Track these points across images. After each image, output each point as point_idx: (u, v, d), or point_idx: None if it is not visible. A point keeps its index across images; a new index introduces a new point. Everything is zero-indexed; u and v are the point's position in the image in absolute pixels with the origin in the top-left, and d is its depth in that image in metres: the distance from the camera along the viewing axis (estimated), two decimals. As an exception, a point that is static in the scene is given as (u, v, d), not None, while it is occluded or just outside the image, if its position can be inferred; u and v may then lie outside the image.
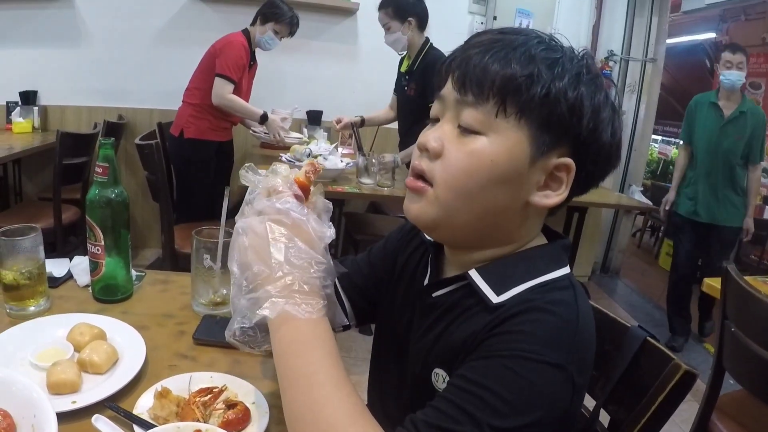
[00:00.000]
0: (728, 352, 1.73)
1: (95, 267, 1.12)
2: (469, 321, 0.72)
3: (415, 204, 0.73)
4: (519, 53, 0.67)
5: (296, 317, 0.65)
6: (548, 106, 0.66)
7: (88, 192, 1.10)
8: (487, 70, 0.67)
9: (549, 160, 0.69)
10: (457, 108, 0.70)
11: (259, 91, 3.67)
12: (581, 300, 0.70)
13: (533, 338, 0.63)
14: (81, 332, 0.92)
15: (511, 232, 0.74)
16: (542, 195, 0.71)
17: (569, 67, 0.67)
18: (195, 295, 1.14)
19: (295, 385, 0.63)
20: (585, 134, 0.68)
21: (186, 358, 0.96)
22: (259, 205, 0.71)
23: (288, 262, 0.67)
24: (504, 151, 0.67)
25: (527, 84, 0.65)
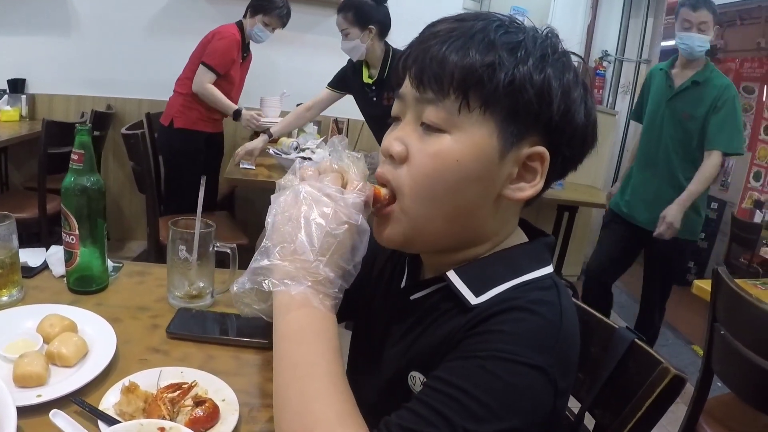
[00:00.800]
0: (717, 354, 1.71)
1: (70, 257, 1.09)
2: (446, 322, 0.68)
3: (383, 227, 0.69)
4: (477, 40, 0.62)
5: (313, 306, 0.62)
6: (514, 94, 0.62)
7: (64, 179, 1.06)
8: (444, 62, 0.62)
9: (520, 151, 0.65)
10: (417, 106, 0.66)
11: (252, 83, 3.63)
12: (564, 300, 0.67)
13: (514, 338, 0.59)
14: (51, 324, 0.89)
15: (485, 230, 0.70)
16: (515, 188, 0.67)
17: (533, 49, 0.63)
18: (171, 288, 1.11)
19: (293, 373, 0.60)
20: (557, 119, 0.63)
21: (158, 352, 0.93)
22: (327, 188, 0.65)
23: (330, 254, 0.63)
24: (470, 148, 0.63)
25: (489, 74, 0.61)
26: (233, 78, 3.16)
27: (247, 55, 3.28)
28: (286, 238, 0.63)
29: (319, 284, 0.63)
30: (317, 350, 0.61)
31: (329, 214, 0.63)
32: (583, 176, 4.20)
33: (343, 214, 0.63)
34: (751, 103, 4.83)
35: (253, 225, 3.89)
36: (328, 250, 0.63)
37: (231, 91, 3.19)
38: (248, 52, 3.29)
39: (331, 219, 0.63)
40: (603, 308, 3.05)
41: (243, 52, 3.19)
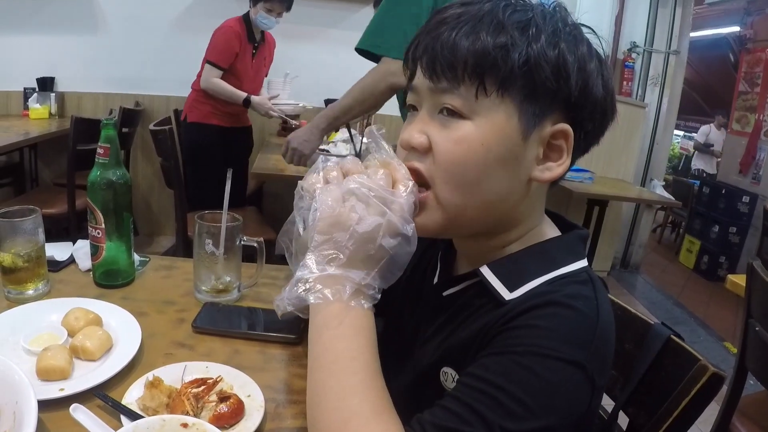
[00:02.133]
0: (752, 352, 1.67)
1: (96, 251, 1.09)
2: (480, 317, 0.67)
3: (418, 216, 0.67)
4: (487, 23, 0.61)
5: (352, 304, 0.62)
6: (530, 73, 0.60)
7: (90, 174, 1.06)
8: (456, 49, 0.61)
9: (543, 130, 0.63)
10: (433, 97, 0.64)
11: (278, 79, 3.65)
12: (601, 294, 0.65)
13: (550, 334, 0.58)
14: (76, 317, 0.89)
15: (517, 215, 0.69)
16: (543, 168, 0.65)
17: (543, 26, 0.61)
18: (197, 282, 1.11)
19: (329, 368, 0.60)
20: (576, 94, 0.62)
21: (183, 346, 0.92)
22: (380, 189, 0.63)
23: (380, 268, 0.63)
24: (493, 132, 0.62)
25: (502, 55, 0.59)
26: (240, 71, 3.15)
27: (258, 45, 3.25)
28: (333, 246, 0.63)
29: (362, 288, 0.63)
30: (355, 346, 0.61)
31: (383, 223, 0.62)
32: (613, 170, 4.13)
33: (398, 222, 0.62)
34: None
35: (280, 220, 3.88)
36: (378, 262, 0.62)
37: (243, 84, 3.18)
38: (260, 42, 3.25)
39: (385, 229, 0.62)
40: None
41: (252, 42, 3.17)
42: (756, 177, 4.90)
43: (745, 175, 5.02)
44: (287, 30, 3.79)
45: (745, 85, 5.14)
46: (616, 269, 4.80)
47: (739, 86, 5.23)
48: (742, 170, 5.07)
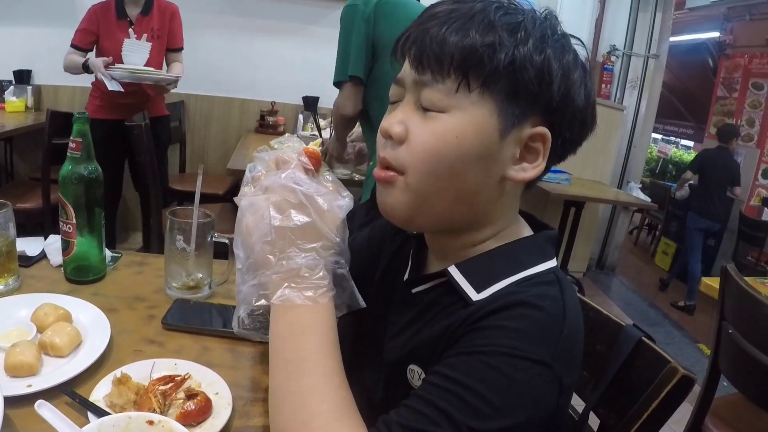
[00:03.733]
0: (725, 354, 1.69)
1: (67, 246, 1.07)
2: (448, 316, 0.67)
3: (387, 196, 0.67)
4: (477, 21, 0.61)
5: (296, 303, 0.62)
6: (514, 74, 0.61)
7: (61, 168, 1.05)
8: (444, 43, 0.61)
9: (522, 132, 0.64)
10: (416, 89, 0.65)
11: (258, 75, 3.63)
12: (568, 294, 0.65)
13: (517, 334, 0.58)
14: (45, 313, 0.87)
15: (489, 213, 0.69)
16: (518, 168, 0.65)
17: (532, 30, 0.62)
18: (168, 279, 1.10)
19: (284, 371, 0.60)
20: (557, 100, 0.63)
21: (153, 343, 0.91)
22: (266, 180, 0.66)
23: (292, 244, 0.63)
24: (469, 126, 0.62)
25: (489, 54, 0.60)
26: (109, 49, 2.96)
27: (136, 19, 2.99)
28: (249, 256, 0.65)
29: (295, 278, 0.62)
30: (305, 346, 0.61)
31: (268, 207, 0.63)
32: (590, 171, 4.17)
33: (279, 200, 0.64)
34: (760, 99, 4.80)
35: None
36: (287, 239, 0.63)
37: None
38: (143, 16, 3.00)
39: (274, 210, 0.63)
40: None
41: (123, 17, 2.96)
42: (732, 181, 4.97)
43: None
44: (266, 26, 3.78)
45: (723, 90, 5.22)
46: (591, 270, 4.85)
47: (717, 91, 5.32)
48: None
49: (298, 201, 0.63)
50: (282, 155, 0.68)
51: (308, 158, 0.67)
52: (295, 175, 0.64)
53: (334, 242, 0.65)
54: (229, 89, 3.86)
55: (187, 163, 3.82)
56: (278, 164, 0.67)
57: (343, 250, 0.66)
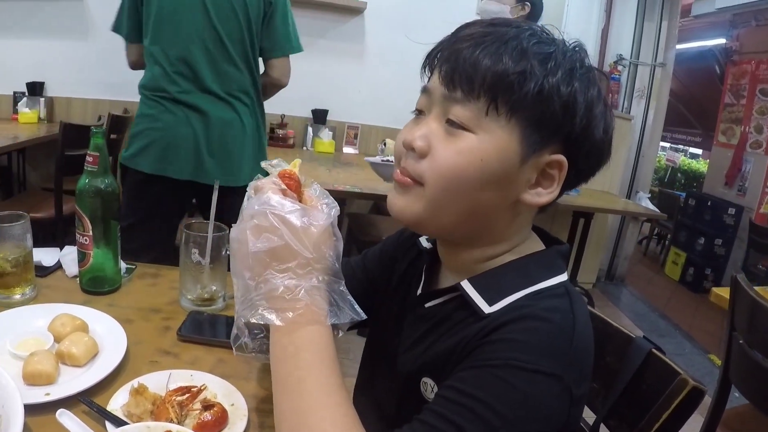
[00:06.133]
0: (735, 365, 1.68)
1: (83, 257, 1.09)
2: (460, 330, 0.68)
3: (400, 198, 0.69)
4: (511, 47, 0.63)
5: (282, 325, 0.62)
6: (541, 103, 0.63)
7: (78, 181, 1.07)
8: (477, 65, 0.63)
9: (540, 158, 0.66)
10: (444, 104, 0.66)
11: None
12: (577, 307, 0.66)
13: (527, 347, 0.59)
14: (62, 323, 0.89)
15: (502, 231, 0.71)
16: (534, 193, 0.68)
17: (562, 62, 0.64)
18: (183, 291, 1.11)
19: (284, 391, 0.61)
20: (578, 131, 0.65)
21: (168, 354, 0.92)
22: (246, 208, 0.67)
23: (267, 267, 0.63)
24: (494, 150, 0.64)
25: (519, 81, 0.62)
26: None
27: None
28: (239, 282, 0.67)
29: (272, 301, 0.63)
30: (302, 365, 0.61)
31: (246, 235, 0.64)
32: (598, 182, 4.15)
33: (254, 225, 0.64)
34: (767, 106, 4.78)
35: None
36: (262, 267, 0.63)
37: None
38: None
39: (250, 236, 0.64)
40: None
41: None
42: (741, 189, 4.95)
43: (731, 187, 5.07)
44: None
45: (731, 97, 5.19)
46: (601, 281, 4.83)
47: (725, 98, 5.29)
48: (727, 182, 5.12)
49: (270, 224, 0.63)
50: (258, 182, 0.69)
51: (284, 179, 0.68)
52: (268, 198, 0.64)
53: (310, 258, 0.63)
54: (239, 102, 3.88)
55: (198, 173, 3.84)
56: (256, 191, 0.68)
57: (327, 265, 0.65)
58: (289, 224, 0.63)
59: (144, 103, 2.01)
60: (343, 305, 0.66)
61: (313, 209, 0.66)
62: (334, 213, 0.67)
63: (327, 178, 2.37)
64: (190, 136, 1.96)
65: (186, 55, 1.94)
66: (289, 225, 0.63)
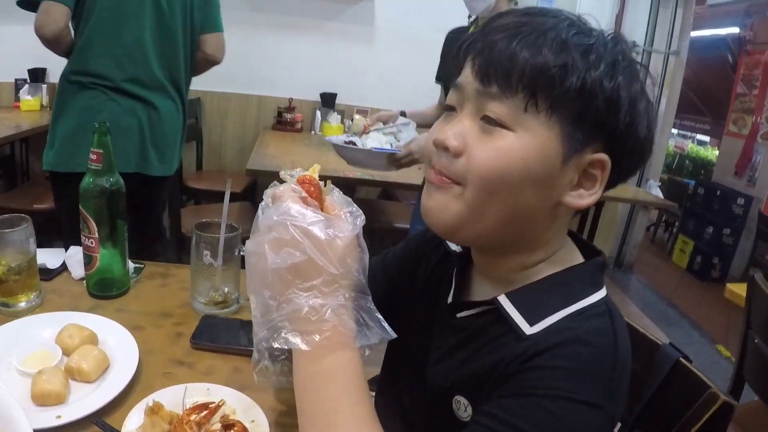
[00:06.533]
0: (750, 363, 1.67)
1: (89, 260, 1.06)
2: (498, 349, 0.64)
3: (437, 199, 0.64)
4: (550, 38, 0.58)
5: (309, 350, 0.57)
6: (583, 99, 0.58)
7: (82, 181, 1.03)
8: (514, 58, 0.58)
9: (582, 158, 0.61)
10: (478, 100, 0.62)
11: (276, 71, 3.62)
12: (618, 325, 0.63)
13: (571, 375, 0.57)
14: (70, 335, 0.86)
15: (540, 237, 0.67)
16: (575, 195, 0.63)
17: (604, 54, 0.59)
18: (194, 293, 1.08)
19: (312, 423, 0.56)
20: (621, 128, 0.60)
21: (182, 364, 0.89)
22: (263, 219, 0.60)
23: (290, 285, 0.57)
24: (535, 149, 0.59)
25: (561, 75, 0.57)
26: None
27: None
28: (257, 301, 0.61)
29: (296, 323, 0.57)
30: (331, 396, 0.57)
31: (264, 249, 0.58)
32: (608, 170, 4.11)
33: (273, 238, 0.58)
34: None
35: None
36: (284, 285, 0.58)
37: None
38: None
39: (268, 250, 0.58)
40: None
41: None
42: (751, 179, 4.89)
43: (741, 177, 5.02)
44: (283, 22, 3.75)
45: (743, 87, 5.12)
46: (610, 269, 4.80)
47: (737, 88, 5.22)
48: (737, 172, 5.06)
49: (291, 237, 0.57)
50: (276, 189, 0.63)
51: (305, 185, 0.62)
52: (288, 208, 0.58)
53: (336, 274, 0.58)
54: (246, 86, 3.82)
55: (204, 160, 3.81)
56: (274, 199, 0.62)
57: (353, 280, 0.60)
58: (312, 237, 0.57)
59: (78, 93, 1.80)
60: (372, 323, 0.60)
61: (337, 219, 0.60)
62: (360, 222, 0.62)
63: (336, 164, 2.31)
64: (136, 127, 1.83)
65: (134, 38, 1.78)
66: (313, 238, 0.57)
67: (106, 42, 1.77)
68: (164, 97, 1.91)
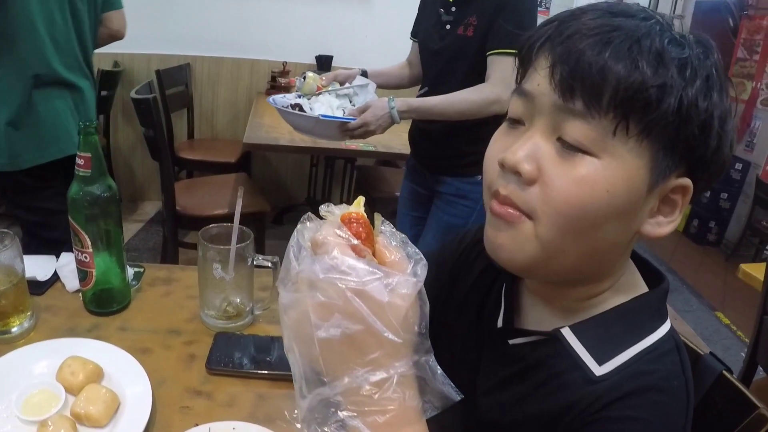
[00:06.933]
0: (765, 347, 1.67)
1: (85, 276, 0.96)
2: (563, 390, 0.58)
3: (505, 236, 0.56)
4: (645, 48, 0.49)
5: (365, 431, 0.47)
6: (679, 123, 0.50)
7: (70, 189, 0.92)
8: (606, 72, 0.49)
9: (667, 184, 0.54)
10: (556, 116, 0.52)
11: (269, 34, 3.53)
12: (685, 360, 0.59)
13: (649, 426, 0.53)
14: (73, 371, 0.77)
15: (612, 266, 0.60)
16: (654, 223, 0.56)
17: (698, 67, 0.51)
18: (204, 307, 0.99)
19: None
20: (710, 153, 0.53)
21: (200, 395, 0.81)
22: (303, 271, 0.48)
23: (344, 360, 0.48)
24: (621, 179, 0.51)
25: (658, 95, 0.49)
26: None
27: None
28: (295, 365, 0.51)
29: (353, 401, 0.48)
30: None
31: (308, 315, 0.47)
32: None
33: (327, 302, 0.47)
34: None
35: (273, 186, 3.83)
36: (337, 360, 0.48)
37: None
38: None
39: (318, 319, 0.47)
40: None
41: None
42: (750, 145, 4.85)
43: (739, 142, 4.96)
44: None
45: (744, 52, 5.02)
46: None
47: (737, 53, 5.12)
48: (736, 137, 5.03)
49: (344, 301, 0.46)
50: (318, 235, 0.50)
51: (351, 226, 0.51)
52: (335, 262, 0.47)
53: (401, 343, 0.48)
54: (238, 50, 3.66)
55: (196, 128, 3.67)
56: (315, 246, 0.50)
57: (417, 341, 0.50)
58: (370, 300, 0.46)
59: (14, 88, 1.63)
60: (436, 386, 0.52)
61: (396, 271, 0.49)
62: (422, 272, 0.50)
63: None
64: (68, 111, 1.74)
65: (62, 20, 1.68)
66: (371, 301, 0.46)
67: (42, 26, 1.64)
68: (83, 77, 1.82)
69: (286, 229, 3.67)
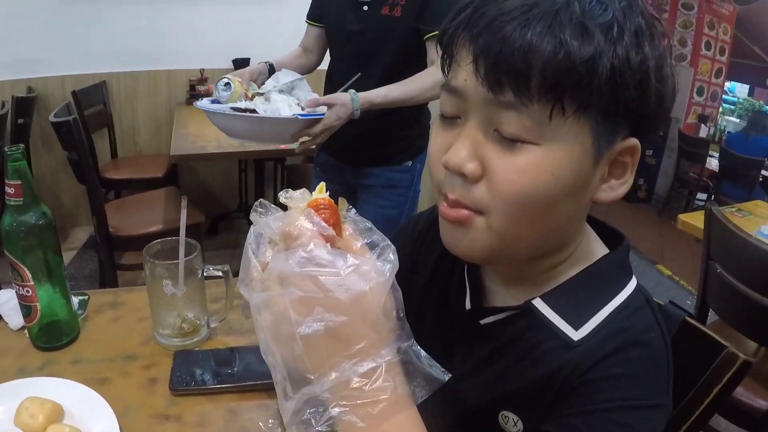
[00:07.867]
0: (714, 292, 1.75)
1: (29, 311, 0.91)
2: (544, 360, 0.58)
3: (462, 239, 0.56)
4: (566, 21, 0.47)
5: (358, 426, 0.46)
6: (614, 90, 0.48)
7: (2, 221, 0.87)
8: (530, 58, 0.47)
9: (613, 149, 0.53)
10: (489, 110, 0.51)
11: (183, 42, 3.42)
12: (658, 314, 0.61)
13: (636, 382, 0.54)
14: (31, 414, 0.72)
15: (570, 236, 0.61)
16: (607, 188, 0.56)
17: (624, 23, 0.49)
18: (157, 326, 0.95)
19: None
20: (652, 107, 0.52)
21: (168, 419, 0.78)
22: (276, 266, 0.47)
23: (330, 354, 0.46)
24: (565, 159, 0.50)
25: (589, 69, 0.47)
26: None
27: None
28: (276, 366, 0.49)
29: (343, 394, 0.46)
30: None
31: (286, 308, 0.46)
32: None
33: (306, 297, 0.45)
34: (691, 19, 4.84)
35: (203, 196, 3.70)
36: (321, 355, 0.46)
37: None
38: None
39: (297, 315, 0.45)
40: None
41: None
42: (668, 100, 5.09)
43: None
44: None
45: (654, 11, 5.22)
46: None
47: (646, 12, 5.34)
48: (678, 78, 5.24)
49: (324, 293, 0.45)
50: (288, 227, 0.48)
51: (319, 212, 0.49)
52: (312, 254, 0.46)
53: (385, 331, 0.48)
54: (153, 62, 3.52)
55: (118, 146, 3.53)
56: (287, 238, 0.48)
57: (396, 325, 0.49)
58: (350, 291, 0.45)
59: None
60: (422, 368, 0.51)
61: (370, 259, 0.48)
62: (394, 257, 0.50)
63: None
64: None
65: None
66: (351, 291, 0.45)
67: None
68: None
69: (222, 237, 3.64)
